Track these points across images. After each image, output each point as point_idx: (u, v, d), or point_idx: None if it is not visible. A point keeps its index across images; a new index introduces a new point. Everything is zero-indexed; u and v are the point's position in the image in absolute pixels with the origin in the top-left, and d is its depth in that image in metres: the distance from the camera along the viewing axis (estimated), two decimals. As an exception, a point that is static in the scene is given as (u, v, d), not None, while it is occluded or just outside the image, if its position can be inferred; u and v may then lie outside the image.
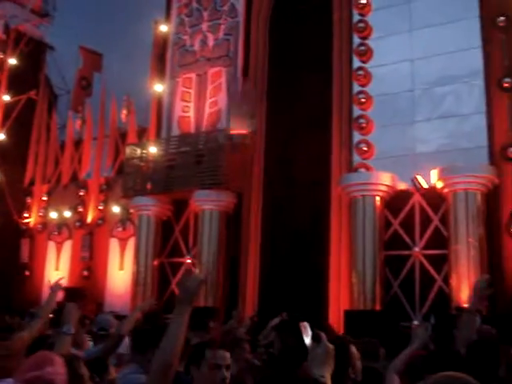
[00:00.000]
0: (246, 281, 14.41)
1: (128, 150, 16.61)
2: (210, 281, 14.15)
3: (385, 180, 12.64)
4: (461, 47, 12.72)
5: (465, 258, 11.60)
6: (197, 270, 12.89)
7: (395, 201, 12.72)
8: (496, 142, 12.18)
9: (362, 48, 13.84)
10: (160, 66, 17.33)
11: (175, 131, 16.38)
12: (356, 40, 14.06)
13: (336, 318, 12.68)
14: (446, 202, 12.12)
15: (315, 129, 14.15)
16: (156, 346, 2.70)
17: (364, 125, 13.29)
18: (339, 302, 13.02)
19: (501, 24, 12.71)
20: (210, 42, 16.48)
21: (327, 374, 2.56)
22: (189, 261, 15.34)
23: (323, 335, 2.64)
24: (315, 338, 2.64)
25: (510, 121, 12.21)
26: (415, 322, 11.71)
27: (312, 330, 2.72)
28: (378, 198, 12.65)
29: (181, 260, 15.54)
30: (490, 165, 12.02)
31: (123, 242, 16.99)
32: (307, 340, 2.69)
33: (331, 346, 2.60)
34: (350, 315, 12.33)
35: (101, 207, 17.81)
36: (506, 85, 12.33)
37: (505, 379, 3.80)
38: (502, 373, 3.78)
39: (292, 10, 15.43)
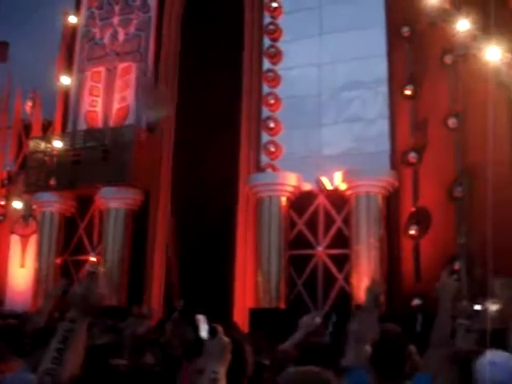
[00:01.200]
0: (152, 279, 14.26)
1: (32, 144, 16.04)
2: (114, 279, 13.90)
3: (291, 181, 12.87)
4: (367, 54, 13.13)
5: (365, 257, 11.99)
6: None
7: (300, 201, 12.97)
8: (397, 147, 12.66)
9: (272, 50, 14.03)
10: (68, 59, 16.88)
11: (82, 126, 15.98)
12: (266, 42, 14.24)
13: (241, 316, 12.75)
14: (349, 203, 12.48)
15: (224, 128, 14.19)
16: (45, 345, 2.61)
17: (272, 126, 13.48)
18: (245, 300, 13.12)
19: (405, 34, 13.22)
20: (121, 37, 16.20)
21: (222, 369, 2.49)
22: (93, 259, 15.00)
23: (220, 328, 2.59)
24: (211, 332, 2.58)
25: (411, 127, 12.71)
26: (317, 320, 11.94)
27: (209, 323, 2.67)
28: (283, 198, 12.86)
29: (85, 258, 15.18)
30: (391, 169, 12.49)
31: (25, 239, 16.39)
32: (203, 333, 2.64)
33: (227, 340, 2.54)
34: (254, 313, 12.43)
35: (2, 202, 17.13)
36: (409, 92, 12.84)
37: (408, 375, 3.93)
38: (406, 369, 3.90)
39: (204, 8, 15.41)
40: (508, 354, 3.02)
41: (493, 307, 9.15)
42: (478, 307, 9.19)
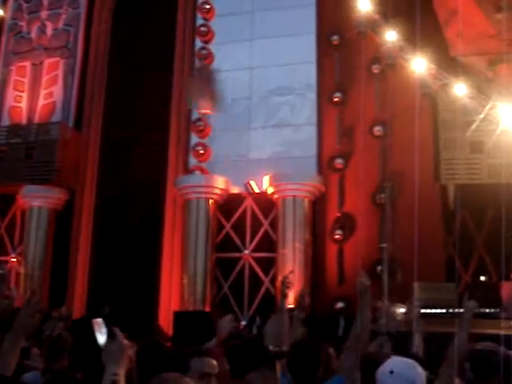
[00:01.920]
0: (75, 281, 13.92)
1: (-49, 138, 15.35)
2: (35, 281, 13.50)
3: (219, 183, 12.86)
4: (297, 60, 13.30)
5: (291, 261, 12.10)
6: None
7: (228, 204, 12.98)
8: (324, 152, 12.88)
9: (204, 52, 14.01)
10: (-7, 52, 16.29)
11: (5, 121, 15.44)
12: (198, 43, 14.19)
13: (166, 319, 12.64)
14: (276, 207, 12.57)
15: (153, 128, 14.06)
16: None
17: (202, 128, 13.45)
18: (170, 302, 13.00)
19: (334, 42, 13.48)
20: (49, 32, 15.77)
21: (121, 371, 2.49)
22: (13, 259, 14.50)
23: (118, 331, 2.57)
24: (110, 335, 2.57)
25: (338, 134, 12.95)
26: (243, 323, 11.99)
27: (107, 326, 2.64)
28: (211, 201, 12.83)
29: (5, 258, 14.64)
30: (317, 174, 12.67)
31: None
32: (102, 337, 2.60)
33: (126, 343, 2.54)
34: (179, 316, 12.32)
35: None
36: (336, 99, 13.09)
37: (322, 378, 3.94)
38: (321, 373, 3.92)
39: (136, 5, 15.20)
40: (410, 362, 3.00)
41: (400, 310, 9.43)
42: (401, 310, 9.42)
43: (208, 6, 14.20)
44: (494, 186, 12.52)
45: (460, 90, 11.91)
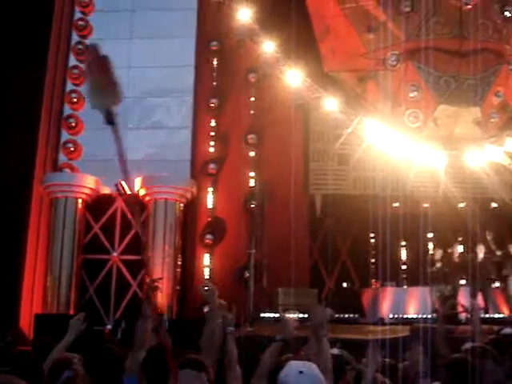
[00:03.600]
0: None
1: None
2: None
3: (89, 183, 12.53)
4: (176, 63, 13.23)
5: (160, 264, 12.01)
6: None
7: (97, 205, 12.67)
8: (198, 157, 12.94)
9: (80, 47, 13.59)
10: None
11: None
12: (75, 38, 13.77)
13: (27, 322, 12.12)
14: (147, 209, 12.44)
15: (22, 124, 13.42)
16: None
17: (73, 125, 13.04)
18: (32, 305, 12.47)
19: (214, 48, 13.59)
20: None
21: None
22: None
23: None
24: None
25: (212, 139, 13.07)
26: (108, 327, 11.75)
27: None
28: (80, 201, 12.47)
29: None
30: (190, 178, 12.69)
31: None
32: None
33: None
34: (40, 319, 11.85)
35: None
36: (213, 105, 13.20)
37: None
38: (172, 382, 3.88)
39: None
40: (310, 363, 3.06)
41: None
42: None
43: (87, 0, 13.81)
44: (359, 196, 13.19)
45: (331, 104, 12.42)
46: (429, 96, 12.06)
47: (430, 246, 14.76)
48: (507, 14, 12.31)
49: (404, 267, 15.17)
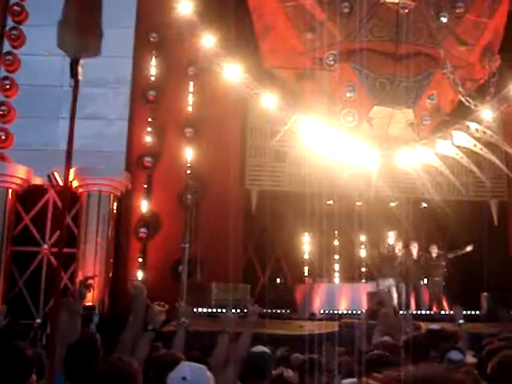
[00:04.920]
0: None
1: None
2: None
3: (20, 173, 12.20)
4: (114, 53, 12.93)
5: (92, 257, 11.84)
6: None
7: (28, 195, 12.36)
8: (134, 149, 12.78)
9: (15, 32, 13.21)
10: None
11: None
12: (10, 23, 13.35)
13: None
14: (80, 201, 12.22)
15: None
16: None
17: (5, 113, 12.65)
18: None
19: (153, 40, 13.44)
20: None
21: None
22: None
23: None
24: None
25: (149, 132, 12.93)
26: (38, 320, 11.50)
27: None
28: (10, 191, 12.13)
29: None
30: (125, 170, 12.52)
31: None
32: None
33: None
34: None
35: None
36: (151, 97, 13.05)
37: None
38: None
39: None
40: (200, 367, 3.06)
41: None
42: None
43: (23, -16, 13.41)
44: (294, 193, 13.31)
45: (269, 100, 12.48)
46: (364, 97, 12.28)
47: (363, 243, 15.11)
48: (443, 19, 12.62)
49: (337, 264, 15.45)
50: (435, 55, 12.61)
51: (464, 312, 11.03)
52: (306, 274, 15.23)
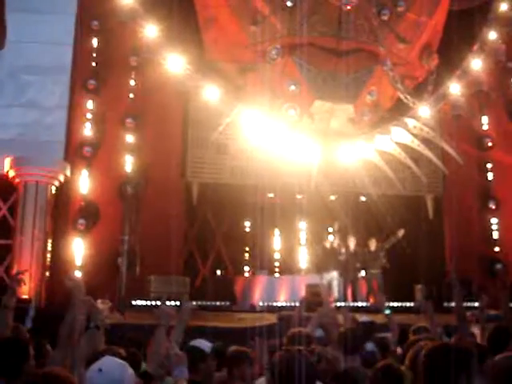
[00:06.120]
0: None
1: None
2: None
3: None
4: (54, 40, 12.66)
5: (28, 249, 11.56)
6: None
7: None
8: (73, 139, 12.53)
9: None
10: None
11: None
12: None
13: None
14: (17, 192, 11.91)
15: None
16: None
17: None
18: None
19: (94, 27, 13.21)
20: None
21: None
22: None
23: None
24: None
25: (89, 121, 12.71)
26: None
27: None
28: None
29: None
30: (64, 160, 12.26)
31: None
32: None
33: None
34: None
35: None
36: (91, 86, 12.82)
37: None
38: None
39: None
40: (120, 362, 3.09)
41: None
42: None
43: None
44: (235, 186, 13.36)
45: (211, 92, 12.45)
46: (306, 91, 12.39)
47: (303, 236, 15.30)
48: (384, 17, 12.85)
49: (277, 256, 15.60)
50: (376, 52, 12.83)
51: (398, 304, 11.47)
52: (246, 266, 15.33)
